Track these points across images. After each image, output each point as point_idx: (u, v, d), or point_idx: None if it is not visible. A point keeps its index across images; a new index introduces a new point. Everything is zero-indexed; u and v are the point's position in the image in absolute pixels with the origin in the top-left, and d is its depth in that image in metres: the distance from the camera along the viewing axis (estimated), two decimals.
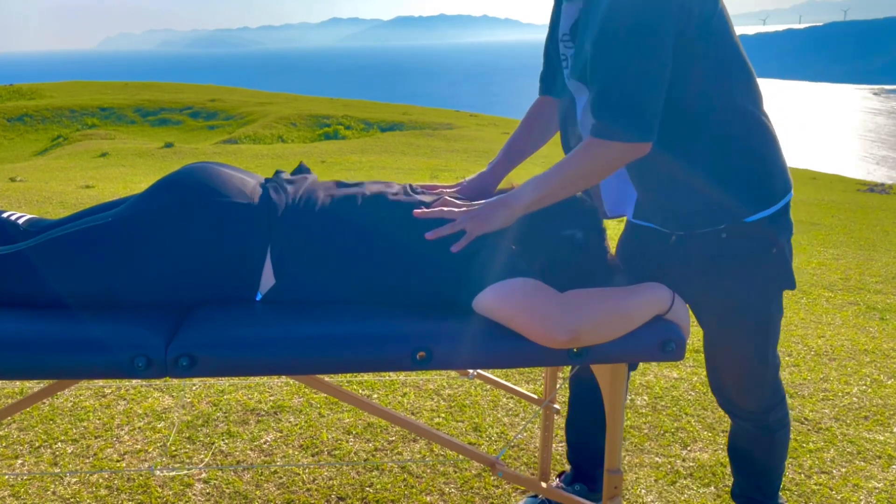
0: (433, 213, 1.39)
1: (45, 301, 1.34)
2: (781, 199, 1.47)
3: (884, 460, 2.28)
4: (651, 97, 1.28)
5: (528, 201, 1.39)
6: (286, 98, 28.28)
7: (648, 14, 1.25)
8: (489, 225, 1.38)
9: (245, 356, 1.24)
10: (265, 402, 2.52)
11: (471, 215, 1.38)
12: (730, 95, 1.40)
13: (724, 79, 1.38)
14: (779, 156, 1.48)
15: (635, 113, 1.28)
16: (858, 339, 3.34)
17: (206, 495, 1.99)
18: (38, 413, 2.41)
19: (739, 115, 1.41)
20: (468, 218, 1.38)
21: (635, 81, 1.27)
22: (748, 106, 1.42)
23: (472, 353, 1.29)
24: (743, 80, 1.41)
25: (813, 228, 6.59)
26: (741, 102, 1.41)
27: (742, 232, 1.46)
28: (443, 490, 2.05)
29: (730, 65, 1.39)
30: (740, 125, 1.42)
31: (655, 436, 2.38)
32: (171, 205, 1.35)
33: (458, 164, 12.62)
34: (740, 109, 1.41)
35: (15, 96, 25.36)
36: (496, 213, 1.39)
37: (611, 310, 1.30)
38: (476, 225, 1.37)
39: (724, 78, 1.39)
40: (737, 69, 1.40)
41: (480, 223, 1.37)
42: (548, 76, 1.65)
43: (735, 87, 1.40)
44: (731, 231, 1.46)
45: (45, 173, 10.58)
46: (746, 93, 1.42)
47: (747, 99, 1.42)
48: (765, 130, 1.45)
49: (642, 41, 1.25)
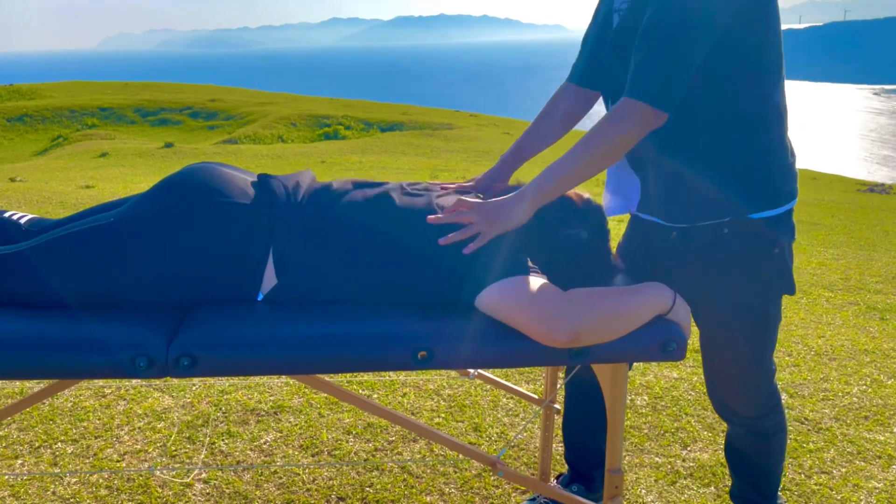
0: (447, 220, 1.36)
1: (46, 301, 1.34)
2: (786, 203, 1.47)
3: (884, 460, 2.28)
4: (681, 76, 1.33)
5: (548, 188, 1.37)
6: (286, 98, 28.29)
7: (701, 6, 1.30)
8: (507, 224, 1.35)
9: (246, 356, 1.24)
10: (265, 402, 2.52)
11: (485, 217, 1.35)
12: (755, 90, 1.40)
13: (754, 73, 1.39)
14: (790, 160, 1.48)
15: (667, 83, 1.32)
16: (858, 339, 3.34)
17: (206, 495, 1.99)
18: (38, 413, 2.41)
19: (760, 111, 1.42)
20: (482, 220, 1.35)
21: (673, 60, 1.32)
22: (772, 104, 1.42)
23: (473, 353, 1.29)
24: (773, 78, 1.42)
25: (813, 228, 6.59)
26: (765, 99, 1.41)
27: (744, 229, 1.46)
28: (443, 490, 2.05)
29: (764, 60, 1.39)
30: (759, 122, 1.42)
31: (655, 436, 2.38)
32: (173, 205, 1.35)
33: (458, 164, 12.62)
34: (763, 106, 1.42)
35: (15, 96, 25.35)
36: (513, 211, 1.36)
37: (612, 309, 1.30)
38: (491, 226, 1.34)
39: (755, 72, 1.39)
40: (768, 66, 1.40)
41: (495, 223, 1.35)
42: (581, 65, 1.65)
43: (763, 83, 1.41)
44: (734, 227, 1.46)
45: (45, 173, 10.58)
46: (773, 91, 1.42)
47: (772, 97, 1.42)
48: (781, 132, 1.45)
49: (689, 29, 1.31)
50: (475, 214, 1.35)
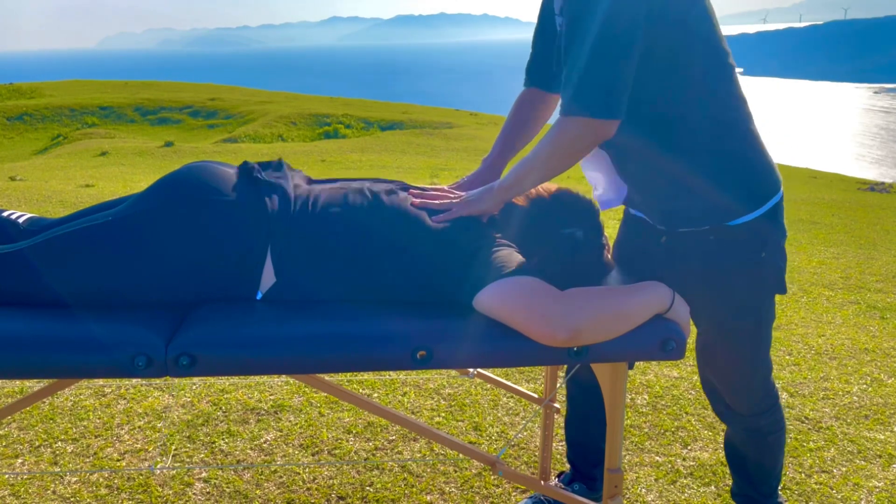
0: (427, 196, 1.49)
1: (45, 300, 1.34)
2: (768, 202, 1.45)
3: (884, 459, 2.28)
4: (616, 79, 1.30)
5: (509, 184, 1.44)
6: (286, 97, 28.28)
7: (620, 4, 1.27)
8: (476, 207, 1.45)
9: (245, 355, 1.24)
10: (265, 401, 2.52)
11: (460, 199, 1.47)
12: (708, 98, 1.39)
13: (702, 81, 1.37)
14: (762, 157, 1.45)
15: (601, 91, 1.30)
16: (859, 338, 3.34)
17: (206, 494, 1.99)
18: (38, 412, 2.41)
19: (717, 118, 1.40)
20: (458, 201, 1.46)
21: (602, 64, 1.29)
22: (728, 108, 1.41)
23: (473, 352, 1.29)
24: (723, 79, 1.40)
25: (813, 227, 6.59)
26: (719, 105, 1.40)
27: (728, 236, 1.45)
28: (443, 489, 2.05)
29: (709, 65, 1.37)
30: (718, 129, 1.40)
31: (656, 435, 2.38)
32: (172, 204, 1.35)
33: (458, 163, 12.62)
34: (718, 113, 1.40)
35: (15, 95, 25.35)
36: (482, 197, 1.46)
37: (611, 308, 1.29)
38: (462, 205, 1.45)
39: (702, 80, 1.37)
40: (716, 68, 1.38)
41: (466, 204, 1.45)
42: (533, 66, 1.66)
43: (714, 88, 1.39)
44: (718, 234, 1.46)
45: (44, 172, 10.57)
46: (726, 94, 1.40)
47: (726, 100, 1.40)
48: (745, 132, 1.43)
49: (612, 28, 1.28)
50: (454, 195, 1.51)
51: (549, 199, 1.53)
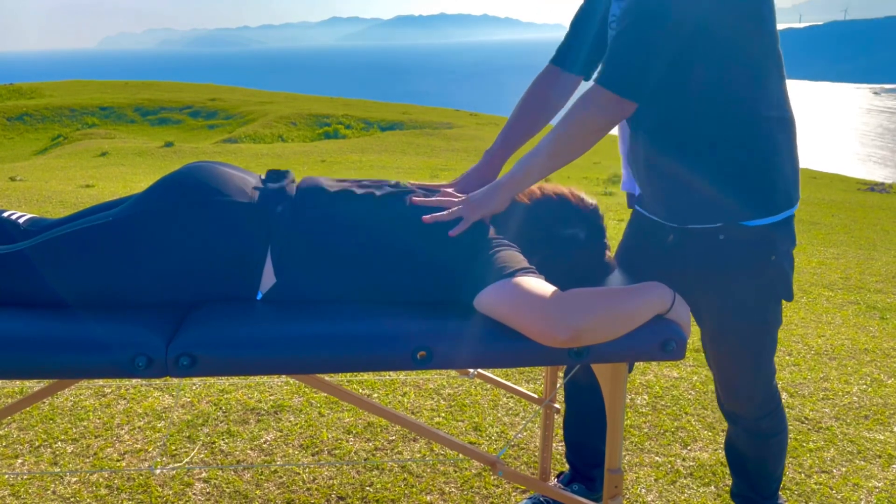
0: (431, 202, 1.43)
1: (45, 301, 1.34)
2: (783, 212, 1.45)
3: (884, 460, 2.28)
4: (649, 67, 1.33)
5: (517, 178, 1.42)
6: (286, 97, 28.29)
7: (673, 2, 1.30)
8: (486, 208, 1.41)
9: (245, 355, 1.24)
10: (265, 401, 2.52)
11: (467, 201, 1.42)
12: (750, 95, 1.39)
13: (748, 76, 1.37)
14: (788, 168, 1.45)
15: (632, 73, 1.33)
16: (858, 339, 3.34)
17: (206, 494, 1.99)
18: (38, 413, 2.41)
19: (757, 116, 1.40)
20: (465, 203, 1.41)
21: (640, 51, 1.32)
22: (771, 110, 1.40)
23: (473, 353, 1.29)
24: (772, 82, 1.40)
25: (813, 227, 6.59)
26: (762, 107, 1.39)
27: (739, 235, 1.45)
28: (443, 489, 2.05)
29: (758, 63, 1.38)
30: (754, 130, 1.40)
31: (655, 435, 2.38)
32: (172, 204, 1.35)
33: (458, 164, 12.62)
34: (759, 114, 1.39)
35: (15, 95, 25.35)
36: (491, 196, 1.42)
37: (611, 309, 1.29)
38: (472, 209, 1.40)
39: (749, 76, 1.38)
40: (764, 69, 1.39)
41: (476, 207, 1.41)
42: (566, 47, 1.65)
43: (759, 86, 1.39)
44: (728, 233, 1.45)
45: (45, 172, 10.58)
46: (772, 96, 1.40)
47: (770, 103, 1.40)
48: (781, 140, 1.42)
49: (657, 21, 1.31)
50: (458, 200, 1.44)
51: (551, 199, 1.53)
